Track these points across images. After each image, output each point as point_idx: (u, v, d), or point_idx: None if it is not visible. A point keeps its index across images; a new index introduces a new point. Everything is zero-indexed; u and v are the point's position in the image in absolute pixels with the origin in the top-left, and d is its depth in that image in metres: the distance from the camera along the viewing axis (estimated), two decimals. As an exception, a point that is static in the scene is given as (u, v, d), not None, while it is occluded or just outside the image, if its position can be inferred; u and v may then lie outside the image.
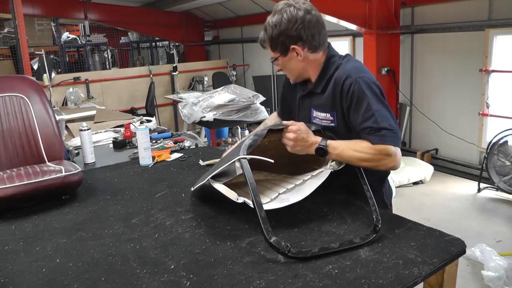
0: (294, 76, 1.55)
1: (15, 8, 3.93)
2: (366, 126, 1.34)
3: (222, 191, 1.29)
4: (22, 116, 1.80)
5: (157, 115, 7.09)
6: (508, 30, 4.26)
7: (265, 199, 1.32)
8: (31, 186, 1.50)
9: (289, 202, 1.28)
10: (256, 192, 1.15)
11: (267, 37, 1.46)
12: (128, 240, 1.24)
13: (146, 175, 1.89)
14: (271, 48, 1.48)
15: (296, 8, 1.40)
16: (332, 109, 1.45)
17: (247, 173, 1.18)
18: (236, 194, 1.27)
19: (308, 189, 1.32)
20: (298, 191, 1.35)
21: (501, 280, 2.65)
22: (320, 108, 1.49)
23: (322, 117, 1.49)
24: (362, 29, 5.10)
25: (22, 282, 1.05)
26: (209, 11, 8.50)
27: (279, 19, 1.41)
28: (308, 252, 1.08)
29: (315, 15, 1.43)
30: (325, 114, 1.48)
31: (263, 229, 1.09)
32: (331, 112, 1.46)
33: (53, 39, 7.47)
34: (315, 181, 1.34)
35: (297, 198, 1.29)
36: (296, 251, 1.08)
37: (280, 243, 1.07)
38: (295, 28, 1.40)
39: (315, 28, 1.43)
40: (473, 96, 4.70)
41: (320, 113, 1.49)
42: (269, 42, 1.47)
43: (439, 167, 5.05)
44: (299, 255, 1.08)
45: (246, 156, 1.23)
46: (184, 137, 2.62)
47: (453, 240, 1.14)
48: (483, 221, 3.76)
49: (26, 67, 4.07)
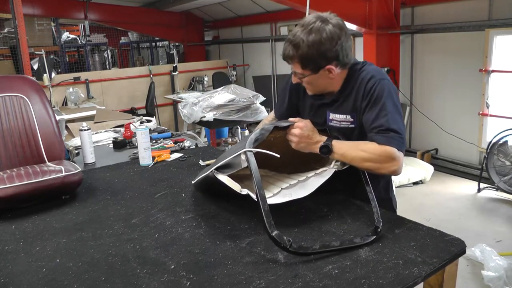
0: (316, 90, 1.50)
1: (15, 8, 3.93)
2: (377, 125, 1.34)
3: (226, 182, 1.27)
4: (22, 116, 1.80)
5: (157, 115, 7.09)
6: (508, 30, 4.26)
7: (268, 193, 1.32)
8: (31, 186, 1.50)
9: (292, 197, 1.27)
10: (260, 185, 1.14)
11: (299, 55, 1.36)
12: (128, 240, 1.24)
13: (146, 175, 1.89)
14: (301, 66, 1.40)
15: (332, 24, 1.35)
16: (353, 110, 1.45)
17: (253, 166, 1.18)
18: (239, 186, 1.26)
19: (311, 186, 1.31)
20: (301, 187, 1.34)
21: (501, 280, 2.64)
22: (339, 111, 1.48)
23: (341, 119, 1.48)
24: (362, 29, 5.10)
25: (22, 282, 1.05)
26: (209, 11, 8.50)
27: (318, 39, 1.33)
28: (309, 248, 1.09)
29: (346, 30, 1.39)
30: (344, 116, 1.47)
31: (265, 223, 1.09)
32: (351, 114, 1.45)
33: (53, 39, 7.47)
34: (318, 179, 1.34)
35: (301, 194, 1.29)
36: (297, 246, 1.08)
37: (282, 237, 1.07)
38: (335, 50, 1.35)
39: (349, 46, 1.40)
40: (473, 96, 4.70)
41: (339, 115, 1.48)
42: (300, 60, 1.38)
43: (439, 167, 5.05)
44: (300, 250, 1.08)
45: (252, 149, 1.23)
46: (184, 137, 2.62)
47: (453, 240, 1.14)
48: (483, 221, 3.76)
49: (26, 67, 4.06)
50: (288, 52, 1.39)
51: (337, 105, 1.49)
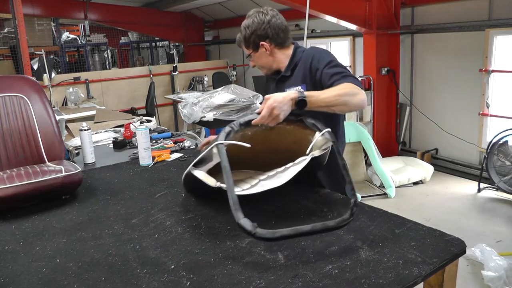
0: (265, 69, 1.86)
1: (15, 8, 3.93)
2: (336, 73, 1.58)
3: (201, 178, 1.31)
4: (22, 116, 1.80)
5: (157, 115, 7.09)
6: (508, 30, 4.26)
7: (246, 185, 1.35)
8: (31, 186, 1.50)
9: (266, 187, 1.29)
10: (229, 174, 1.16)
11: (242, 37, 1.79)
12: (128, 240, 1.24)
13: (146, 175, 1.89)
14: (245, 46, 1.81)
15: (264, 13, 1.74)
16: (303, 81, 1.72)
17: (222, 157, 1.21)
18: (214, 180, 1.28)
19: (288, 175, 1.32)
20: (278, 177, 1.36)
21: (501, 280, 2.64)
22: (292, 84, 1.76)
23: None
24: (362, 29, 5.10)
25: (22, 282, 1.05)
26: (209, 11, 8.50)
27: (250, 22, 1.75)
28: (276, 232, 1.07)
29: (279, 19, 1.76)
30: (296, 87, 1.71)
31: (232, 210, 1.10)
32: (301, 85, 1.72)
33: (53, 39, 7.47)
34: (295, 168, 1.34)
35: (277, 183, 1.29)
36: (264, 232, 1.06)
37: (247, 223, 1.07)
38: (263, 28, 1.73)
39: (279, 28, 1.75)
40: (473, 96, 4.70)
41: (293, 87, 1.72)
42: (243, 41, 1.80)
43: (439, 167, 5.05)
44: (267, 235, 1.06)
45: (224, 142, 1.27)
46: (184, 137, 2.62)
47: (453, 240, 1.14)
48: (483, 221, 3.76)
49: (26, 67, 4.06)
50: (238, 37, 1.82)
51: (290, 80, 1.78)
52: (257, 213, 1.33)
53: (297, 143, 1.42)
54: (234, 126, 1.36)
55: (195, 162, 1.37)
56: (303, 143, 1.40)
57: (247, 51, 1.82)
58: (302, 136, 1.41)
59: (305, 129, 1.39)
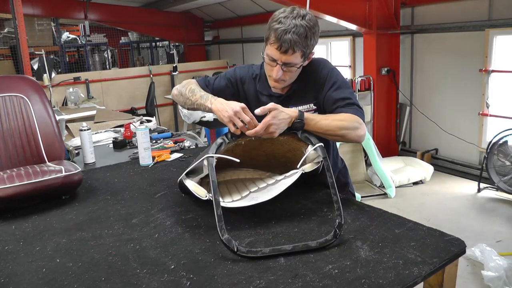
0: (287, 84, 1.52)
1: (15, 8, 3.93)
2: (343, 97, 1.45)
3: (191, 189, 1.33)
4: (22, 116, 1.80)
5: (157, 115, 7.09)
6: (508, 30, 4.27)
7: (237, 196, 1.37)
8: (31, 186, 1.50)
9: (257, 201, 1.30)
10: (216, 190, 1.19)
11: (303, 42, 1.35)
12: (128, 240, 1.24)
13: (146, 175, 1.89)
14: (301, 55, 1.40)
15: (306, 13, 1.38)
16: (315, 98, 1.53)
17: (211, 172, 1.23)
18: (205, 192, 1.30)
19: (278, 189, 1.33)
20: (269, 190, 1.37)
21: (501, 280, 2.65)
22: (302, 101, 1.54)
23: (304, 109, 1.53)
24: (362, 29, 5.11)
25: (22, 282, 1.05)
26: (209, 11, 8.51)
27: (314, 24, 1.37)
28: (258, 252, 1.09)
29: None
30: (308, 105, 1.54)
31: (217, 227, 1.12)
32: (314, 102, 1.53)
33: (53, 39, 7.47)
34: (286, 181, 1.36)
35: (266, 197, 1.31)
36: (246, 250, 1.09)
37: (230, 241, 1.10)
38: (318, 33, 1.41)
39: None
40: (473, 96, 4.70)
41: (302, 105, 1.53)
42: (303, 46, 1.37)
43: (439, 167, 5.05)
44: (248, 254, 1.09)
45: (214, 155, 1.28)
46: (184, 137, 2.62)
47: (453, 240, 1.14)
48: (483, 221, 3.76)
49: (26, 67, 4.07)
50: (295, 39, 1.34)
51: (297, 97, 1.54)
52: (257, 212, 1.33)
53: (291, 151, 1.44)
54: (226, 138, 1.36)
55: (187, 172, 1.39)
56: (296, 153, 1.41)
57: (297, 60, 1.41)
58: (295, 146, 1.42)
59: (299, 141, 1.40)
